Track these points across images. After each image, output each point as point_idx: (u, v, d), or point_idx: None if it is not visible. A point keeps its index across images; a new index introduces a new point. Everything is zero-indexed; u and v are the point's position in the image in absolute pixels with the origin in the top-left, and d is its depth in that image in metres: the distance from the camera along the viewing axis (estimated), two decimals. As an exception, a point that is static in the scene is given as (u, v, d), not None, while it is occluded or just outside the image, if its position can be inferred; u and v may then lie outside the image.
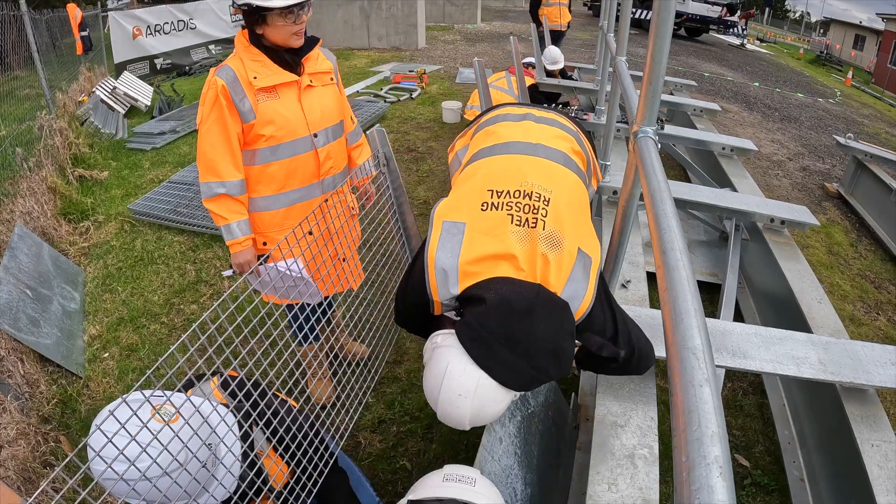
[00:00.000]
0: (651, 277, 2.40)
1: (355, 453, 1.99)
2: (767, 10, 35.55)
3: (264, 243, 1.79)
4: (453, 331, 1.10)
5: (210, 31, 11.60)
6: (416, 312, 1.27)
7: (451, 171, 1.58)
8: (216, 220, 1.69)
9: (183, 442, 0.90)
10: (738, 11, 16.26)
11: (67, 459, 0.77)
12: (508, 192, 1.21)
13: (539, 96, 5.00)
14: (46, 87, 5.78)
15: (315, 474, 1.24)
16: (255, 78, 1.62)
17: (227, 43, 12.16)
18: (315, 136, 1.74)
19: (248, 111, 1.61)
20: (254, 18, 1.57)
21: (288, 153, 1.71)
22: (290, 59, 1.67)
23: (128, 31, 8.90)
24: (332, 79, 1.81)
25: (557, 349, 1.10)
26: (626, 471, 1.32)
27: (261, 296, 1.24)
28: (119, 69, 8.37)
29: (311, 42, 1.72)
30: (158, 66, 9.61)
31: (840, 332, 1.99)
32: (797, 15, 43.98)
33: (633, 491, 1.27)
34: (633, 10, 12.51)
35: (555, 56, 5.33)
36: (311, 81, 1.72)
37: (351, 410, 1.53)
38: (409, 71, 7.84)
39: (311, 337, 1.86)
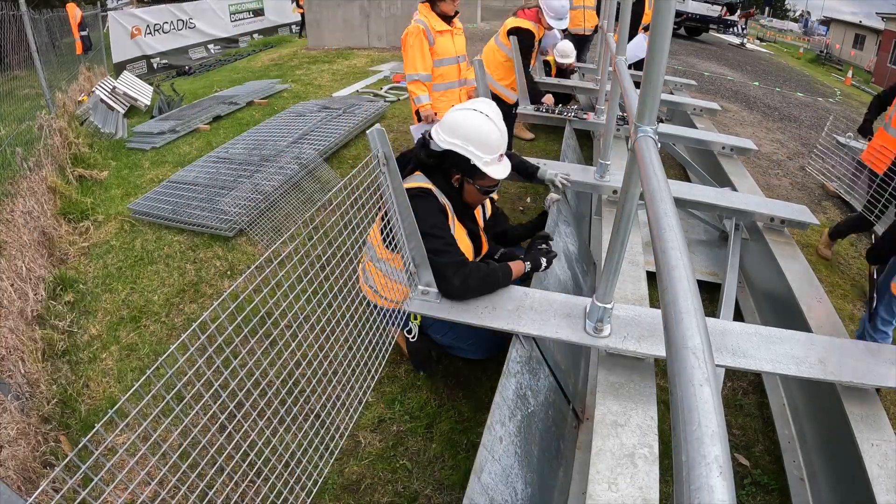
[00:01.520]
0: (651, 277, 2.40)
1: (355, 452, 1.99)
2: (767, 9, 35.53)
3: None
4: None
5: (210, 31, 11.59)
6: None
7: None
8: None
9: None
10: (738, 11, 16.26)
11: (67, 459, 0.77)
12: None
13: (538, 94, 5.00)
14: (46, 86, 5.78)
15: None
16: (434, 25, 3.27)
17: (227, 42, 12.16)
18: (457, 57, 3.44)
19: (431, 41, 3.28)
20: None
21: (446, 64, 3.40)
22: (446, 20, 3.33)
23: (127, 30, 8.90)
24: (462, 31, 3.47)
25: None
26: (626, 470, 1.32)
27: (261, 295, 1.25)
28: (118, 69, 8.37)
29: (455, 14, 3.35)
30: (155, 66, 9.62)
31: (840, 331, 1.99)
32: (797, 14, 43.96)
33: (633, 490, 1.27)
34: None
35: (566, 50, 5.22)
36: (454, 31, 3.40)
37: (351, 410, 1.53)
38: (409, 70, 7.83)
39: None
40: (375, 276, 1.98)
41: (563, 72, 5.58)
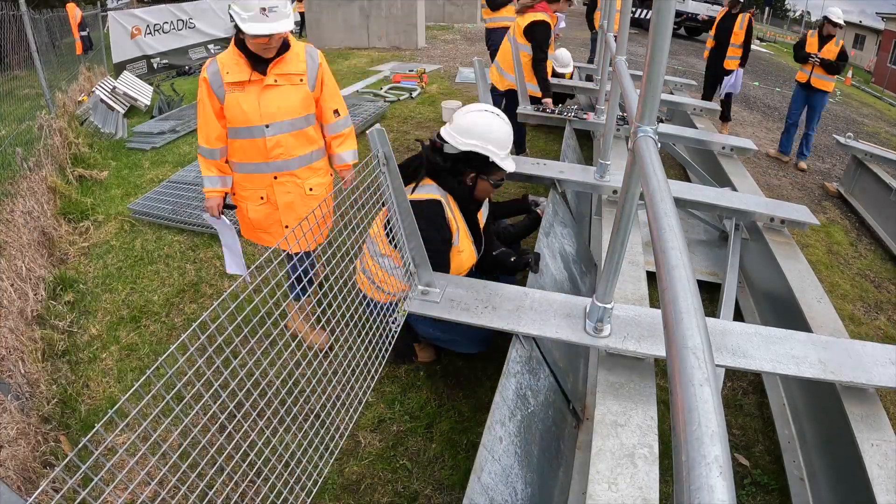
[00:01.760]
0: (651, 277, 2.40)
1: (355, 452, 1.99)
2: (767, 9, 35.53)
3: (233, 193, 2.28)
4: None
5: (210, 31, 11.58)
6: None
7: None
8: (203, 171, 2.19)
9: None
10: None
11: (67, 459, 0.77)
12: None
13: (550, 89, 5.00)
14: (46, 86, 5.78)
15: None
16: (227, 73, 2.02)
17: (227, 42, 12.16)
18: (267, 126, 2.09)
19: (221, 98, 2.06)
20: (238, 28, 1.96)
21: (243, 136, 2.11)
22: (260, 62, 2.03)
23: (127, 30, 8.90)
24: (301, 80, 2.12)
25: None
26: (626, 470, 1.32)
27: (261, 295, 1.25)
28: (118, 69, 8.37)
29: (283, 49, 2.06)
30: (155, 66, 9.62)
31: (840, 331, 1.99)
32: (797, 14, 43.95)
33: (633, 490, 1.27)
34: (633, 9, 12.50)
35: (565, 59, 5.34)
36: (275, 80, 2.06)
37: (351, 410, 1.53)
38: (409, 70, 7.84)
39: (298, 292, 2.18)
40: (374, 270, 2.00)
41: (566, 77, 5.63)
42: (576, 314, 1.73)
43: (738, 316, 2.67)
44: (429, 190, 2.02)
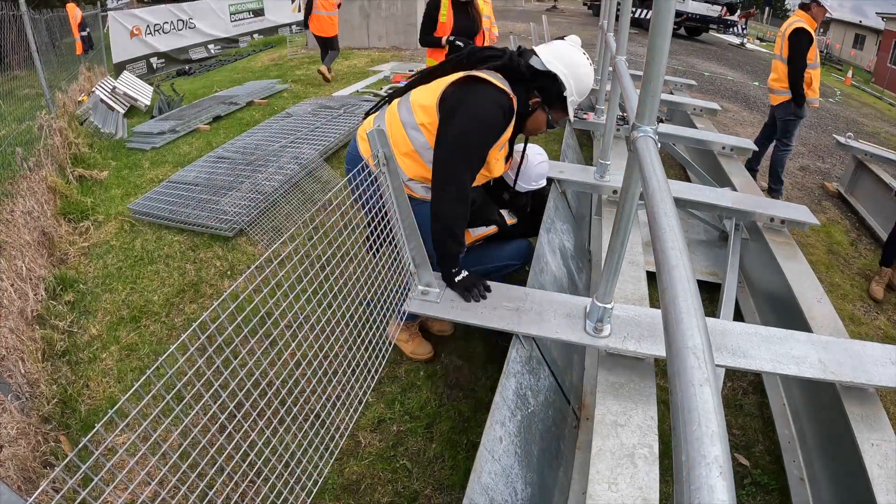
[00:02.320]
0: (651, 277, 2.40)
1: (355, 452, 1.99)
2: (767, 9, 35.54)
3: None
4: None
5: (210, 31, 11.59)
6: None
7: None
8: None
9: None
10: (738, 11, 16.28)
11: (67, 459, 0.77)
12: None
13: None
14: (46, 86, 5.79)
15: None
16: None
17: (227, 42, 12.16)
18: None
19: None
20: None
21: None
22: None
23: (127, 30, 8.91)
24: None
25: None
26: (626, 470, 1.32)
27: (261, 295, 1.25)
28: (118, 69, 8.38)
29: None
30: (155, 66, 9.63)
31: (840, 331, 1.99)
32: (797, 14, 43.88)
33: (633, 490, 1.27)
34: (633, 9, 12.50)
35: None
36: None
37: (351, 410, 1.53)
38: (409, 70, 7.84)
39: None
40: (399, 141, 1.86)
41: None
42: (576, 314, 1.73)
43: (738, 316, 2.66)
44: (503, 82, 1.82)
